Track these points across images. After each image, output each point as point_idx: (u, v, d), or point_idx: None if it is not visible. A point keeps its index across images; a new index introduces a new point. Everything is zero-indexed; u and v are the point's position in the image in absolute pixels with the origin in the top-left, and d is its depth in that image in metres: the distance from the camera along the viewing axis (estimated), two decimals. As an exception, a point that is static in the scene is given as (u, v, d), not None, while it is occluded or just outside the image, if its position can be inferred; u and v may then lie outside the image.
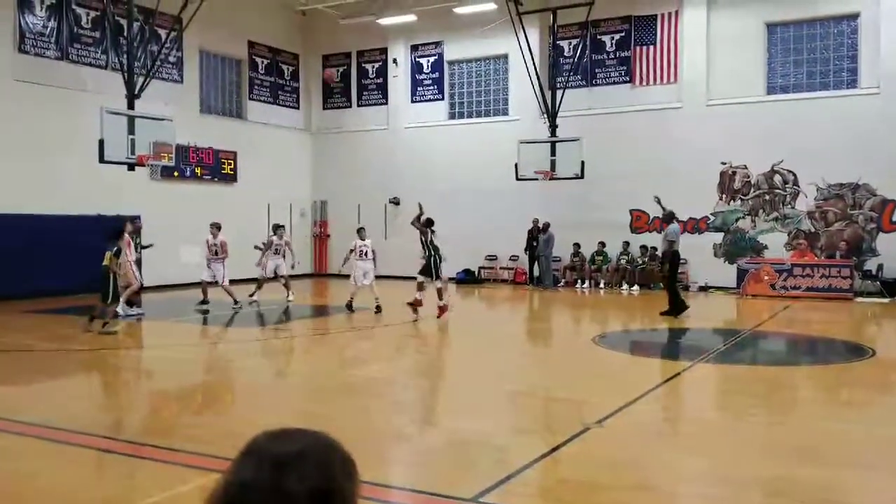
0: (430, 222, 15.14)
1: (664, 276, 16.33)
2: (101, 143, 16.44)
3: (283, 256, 18.13)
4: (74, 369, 10.87)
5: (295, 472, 1.26)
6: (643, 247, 21.73)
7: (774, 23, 20.96)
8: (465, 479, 5.60)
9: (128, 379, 10.44)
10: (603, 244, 22.04)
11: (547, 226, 22.39)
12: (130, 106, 17.65)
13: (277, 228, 18.67)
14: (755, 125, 20.58)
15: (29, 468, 5.97)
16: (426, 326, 14.88)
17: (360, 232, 16.79)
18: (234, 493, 1.26)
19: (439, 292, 14.75)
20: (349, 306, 16.00)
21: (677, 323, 15.00)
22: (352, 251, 16.43)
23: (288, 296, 17.88)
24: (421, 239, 15.03)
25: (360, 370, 10.39)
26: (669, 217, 15.93)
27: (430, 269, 14.67)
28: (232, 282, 16.86)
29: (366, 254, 16.42)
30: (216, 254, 16.78)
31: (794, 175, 20.61)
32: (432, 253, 14.80)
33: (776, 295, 19.07)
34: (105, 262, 12.83)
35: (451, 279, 23.55)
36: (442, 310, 14.68)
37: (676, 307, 15.57)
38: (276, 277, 18.02)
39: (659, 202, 16.38)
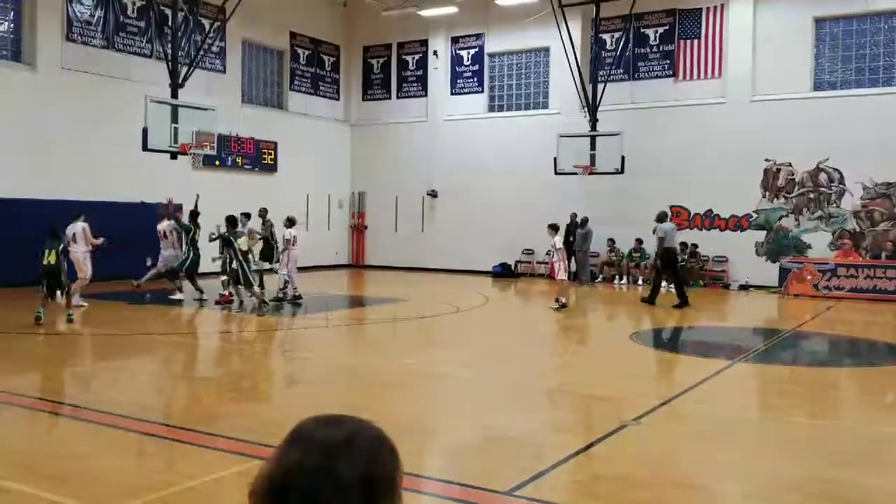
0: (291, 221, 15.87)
1: (657, 271, 17.31)
2: (145, 131, 16.69)
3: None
4: (122, 354, 11.05)
5: (345, 458, 1.25)
6: (683, 244, 21.46)
7: (823, 17, 20.52)
8: (500, 473, 5.58)
9: (171, 365, 10.58)
10: (640, 241, 21.79)
11: (585, 221, 22.23)
12: (174, 95, 17.88)
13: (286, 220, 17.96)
14: (801, 122, 20.18)
15: (73, 451, 6.08)
16: (461, 320, 14.88)
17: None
18: (282, 477, 1.25)
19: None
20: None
21: (718, 322, 14.79)
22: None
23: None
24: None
25: (396, 363, 10.41)
26: (662, 217, 17.14)
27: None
28: (267, 272, 16.97)
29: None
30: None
31: (840, 173, 20.19)
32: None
33: (819, 295, 18.72)
34: (48, 261, 12.64)
35: (487, 272, 23.54)
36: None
37: (681, 299, 16.50)
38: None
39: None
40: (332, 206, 26.24)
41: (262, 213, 17.62)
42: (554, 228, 15.85)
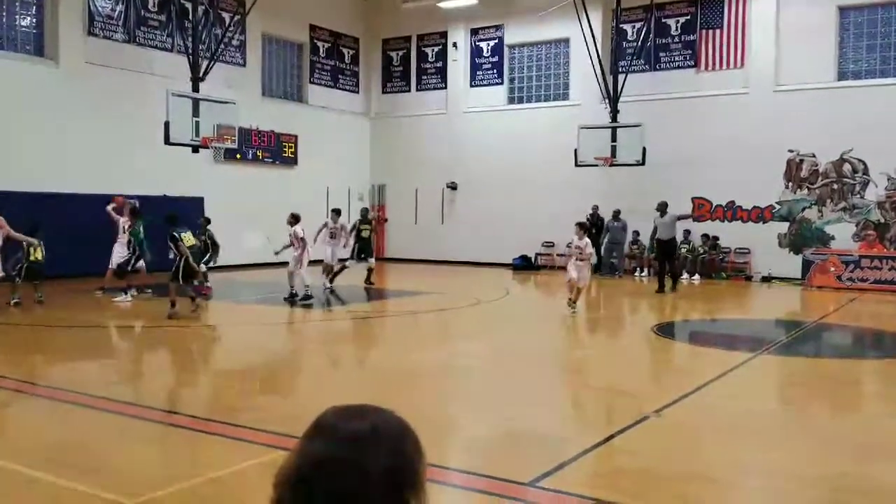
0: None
1: (655, 260, 18.76)
2: (167, 125, 16.81)
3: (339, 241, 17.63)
4: (143, 346, 11.17)
5: (370, 449, 1.26)
6: (705, 235, 21.34)
7: (847, 6, 20.24)
8: (521, 465, 5.59)
9: (194, 357, 10.68)
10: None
11: (618, 213, 21.95)
12: (195, 89, 18.00)
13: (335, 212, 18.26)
14: (824, 112, 19.94)
15: (96, 441, 6.16)
16: (482, 313, 14.88)
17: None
18: (307, 469, 1.26)
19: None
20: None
21: (740, 314, 14.69)
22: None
23: (328, 282, 17.02)
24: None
25: (417, 355, 10.44)
26: (661, 207, 18.02)
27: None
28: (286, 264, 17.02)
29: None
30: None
31: (864, 164, 19.95)
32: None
33: (842, 287, 18.54)
34: (36, 257, 13.02)
35: (507, 265, 23.50)
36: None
37: (673, 284, 17.99)
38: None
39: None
40: (353, 199, 26.30)
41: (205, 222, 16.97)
42: (583, 229, 14.48)
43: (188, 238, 13.15)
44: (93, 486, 4.99)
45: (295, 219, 15.02)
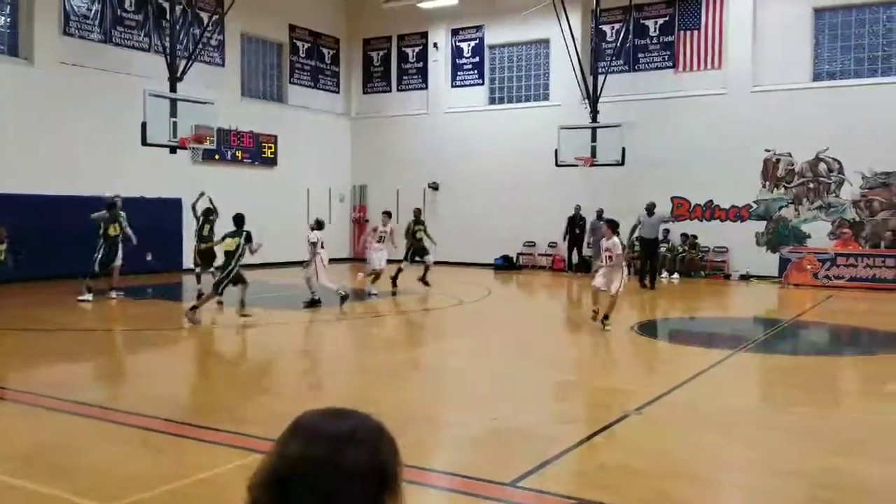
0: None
1: (637, 258, 19.20)
2: (144, 125, 16.67)
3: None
4: (125, 349, 11.08)
5: (348, 450, 1.28)
6: (684, 234, 21.48)
7: (823, 8, 20.48)
8: (503, 464, 5.60)
9: (176, 359, 10.61)
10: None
11: (601, 213, 21.90)
12: (173, 89, 17.87)
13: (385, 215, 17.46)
14: (800, 112, 20.17)
15: (77, 446, 6.11)
16: (464, 312, 14.90)
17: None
18: (285, 469, 1.27)
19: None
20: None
21: (719, 312, 14.81)
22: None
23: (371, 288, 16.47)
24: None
25: (400, 355, 10.44)
26: (648, 208, 18.88)
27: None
28: (269, 266, 16.96)
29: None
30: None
31: (840, 163, 20.19)
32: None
33: (819, 284, 18.75)
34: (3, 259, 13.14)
35: (489, 265, 23.54)
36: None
37: (652, 282, 18.45)
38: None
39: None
40: (334, 200, 26.23)
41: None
42: (613, 227, 12.16)
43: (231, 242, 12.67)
44: (72, 491, 4.96)
45: (318, 224, 14.65)
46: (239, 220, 12.83)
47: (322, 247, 14.32)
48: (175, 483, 5.15)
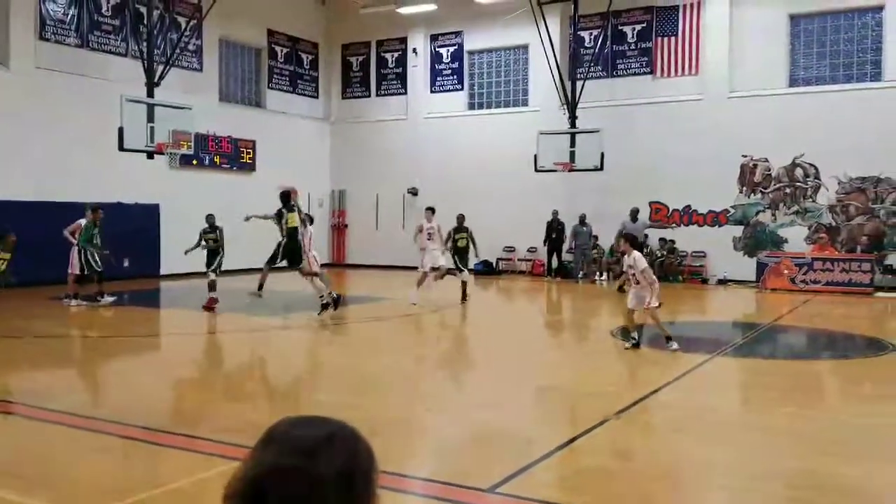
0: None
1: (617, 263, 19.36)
2: (121, 130, 16.54)
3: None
4: (103, 357, 10.95)
5: (323, 457, 1.27)
6: (662, 239, 21.59)
7: (798, 14, 20.70)
8: (482, 470, 5.58)
9: (150, 367, 10.50)
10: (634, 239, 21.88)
11: (584, 218, 21.91)
12: (150, 94, 17.74)
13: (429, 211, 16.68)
14: (777, 118, 20.37)
15: (55, 454, 6.02)
16: (443, 318, 14.88)
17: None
18: (260, 478, 1.26)
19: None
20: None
21: (698, 316, 14.89)
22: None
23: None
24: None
25: (379, 361, 10.39)
26: (632, 213, 19.51)
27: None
28: (245, 272, 16.85)
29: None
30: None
31: (816, 168, 20.39)
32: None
33: (796, 289, 18.90)
34: None
35: (470, 270, 23.50)
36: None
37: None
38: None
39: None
40: (313, 205, 26.11)
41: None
42: (631, 242, 11.16)
43: (293, 218, 13.11)
44: (48, 501, 4.88)
45: (310, 220, 14.71)
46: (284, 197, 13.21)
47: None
48: (149, 492, 5.08)
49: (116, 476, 5.56)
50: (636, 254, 10.79)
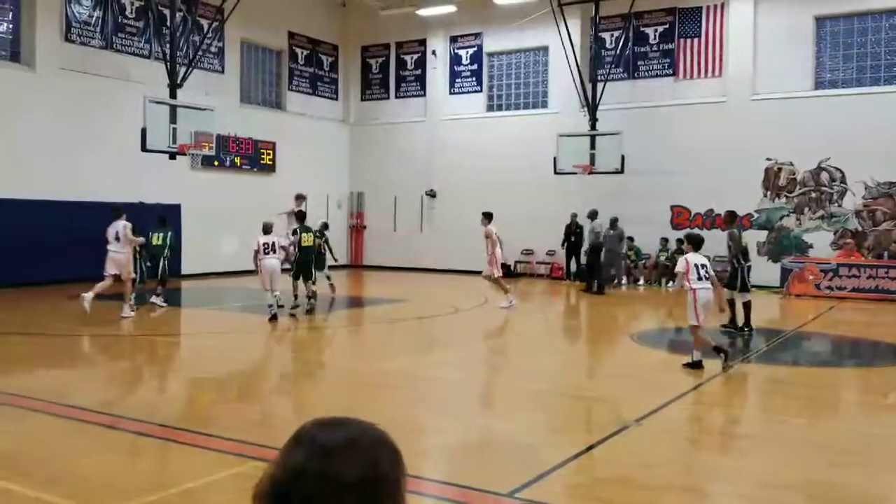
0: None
1: (588, 264, 19.91)
2: (144, 131, 16.62)
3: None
4: (116, 355, 10.98)
5: (345, 461, 1.27)
6: (679, 240, 21.33)
7: (824, 16, 20.44)
8: (502, 475, 5.51)
9: (166, 366, 10.51)
10: (631, 239, 21.73)
11: (615, 221, 21.24)
12: (172, 95, 17.82)
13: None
14: (802, 121, 20.09)
15: (68, 451, 6.01)
16: (460, 321, 14.80)
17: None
18: (284, 480, 1.27)
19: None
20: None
21: (717, 321, 14.68)
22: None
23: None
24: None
25: (395, 364, 10.34)
26: (594, 214, 19.82)
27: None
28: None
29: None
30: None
31: (842, 172, 20.11)
32: None
33: (821, 295, 18.63)
34: None
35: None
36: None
37: (599, 287, 19.38)
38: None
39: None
40: (331, 207, 26.15)
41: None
42: (695, 244, 10.61)
43: (307, 238, 14.26)
44: (60, 497, 4.85)
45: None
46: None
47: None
48: (161, 493, 5.04)
49: (128, 474, 5.53)
50: (681, 259, 10.22)
